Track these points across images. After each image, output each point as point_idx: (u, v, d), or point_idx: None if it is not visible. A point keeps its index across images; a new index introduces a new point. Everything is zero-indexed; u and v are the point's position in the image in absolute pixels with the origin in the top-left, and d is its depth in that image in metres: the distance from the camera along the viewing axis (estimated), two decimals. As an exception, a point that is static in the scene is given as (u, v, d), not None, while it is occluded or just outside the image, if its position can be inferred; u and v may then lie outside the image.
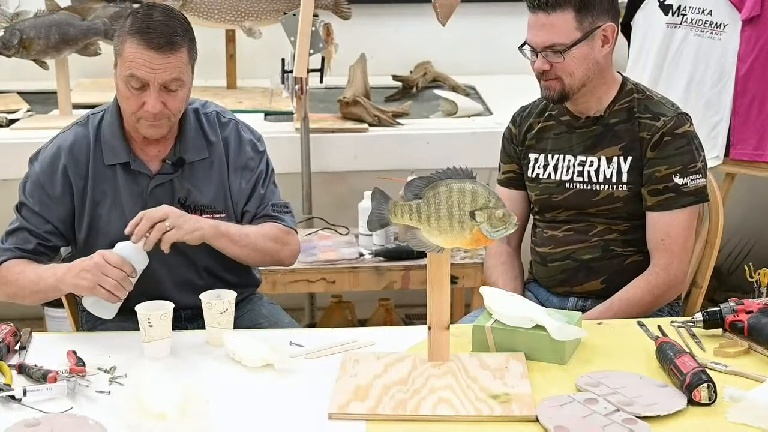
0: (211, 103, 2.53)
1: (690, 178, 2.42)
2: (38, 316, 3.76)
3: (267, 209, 2.47)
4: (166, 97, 2.28)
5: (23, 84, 4.38)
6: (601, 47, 2.42)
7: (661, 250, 2.44)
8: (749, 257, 4.02)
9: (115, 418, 1.82)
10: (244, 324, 2.47)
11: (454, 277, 3.16)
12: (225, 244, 2.33)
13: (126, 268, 2.17)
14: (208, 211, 2.42)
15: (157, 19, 2.27)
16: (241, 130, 2.49)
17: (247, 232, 2.40)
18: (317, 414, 1.86)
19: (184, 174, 2.41)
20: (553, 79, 2.43)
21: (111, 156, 2.38)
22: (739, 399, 1.82)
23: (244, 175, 2.46)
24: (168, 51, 2.25)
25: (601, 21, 2.41)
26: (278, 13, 3.96)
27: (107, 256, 2.18)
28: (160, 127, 2.33)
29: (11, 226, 2.40)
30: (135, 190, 2.39)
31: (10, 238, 2.39)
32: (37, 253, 2.37)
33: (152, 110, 2.26)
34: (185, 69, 2.30)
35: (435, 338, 2.03)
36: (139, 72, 2.24)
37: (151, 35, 2.24)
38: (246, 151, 2.47)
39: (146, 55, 2.24)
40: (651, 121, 2.44)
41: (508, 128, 2.66)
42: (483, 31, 4.70)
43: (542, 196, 2.57)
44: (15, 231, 2.39)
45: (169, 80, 2.26)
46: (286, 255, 2.49)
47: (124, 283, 2.17)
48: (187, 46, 2.30)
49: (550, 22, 2.38)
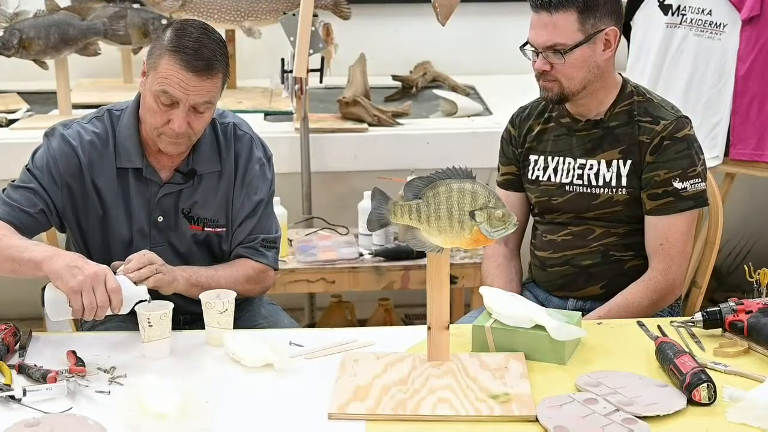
0: (229, 113, 2.51)
1: (689, 183, 2.42)
2: (38, 316, 3.74)
3: (256, 243, 2.44)
4: (192, 117, 2.26)
5: (23, 84, 4.38)
6: (602, 51, 2.41)
7: (660, 255, 2.44)
8: (749, 257, 4.02)
9: (115, 418, 1.82)
10: (244, 324, 2.47)
11: (453, 277, 3.17)
12: (197, 292, 2.26)
13: (114, 301, 2.06)
14: (210, 224, 2.41)
15: (199, 40, 2.23)
16: (254, 146, 2.46)
17: (219, 277, 2.35)
18: (317, 414, 1.86)
19: (194, 185, 2.40)
20: (552, 81, 2.42)
21: (125, 159, 2.36)
22: (739, 399, 1.82)
23: (248, 194, 2.44)
24: (206, 75, 2.22)
25: (604, 24, 2.40)
26: (278, 13, 3.96)
27: (110, 281, 2.06)
28: (179, 146, 2.31)
29: (19, 182, 2.33)
30: (144, 197, 2.37)
31: (14, 193, 2.32)
32: (35, 219, 2.30)
33: (178, 130, 2.24)
34: (217, 93, 2.29)
35: (435, 338, 2.03)
36: (172, 90, 2.21)
37: (191, 56, 2.20)
38: (254, 170, 2.44)
39: (183, 75, 2.21)
40: (651, 125, 2.44)
41: (507, 130, 2.65)
42: (483, 31, 4.70)
43: (542, 199, 2.57)
44: (21, 188, 2.32)
45: (200, 103, 2.25)
46: (256, 293, 2.49)
47: (101, 311, 2.05)
48: (223, 71, 2.27)
49: (552, 22, 2.38)
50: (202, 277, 2.33)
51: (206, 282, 2.31)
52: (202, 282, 2.31)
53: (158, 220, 2.39)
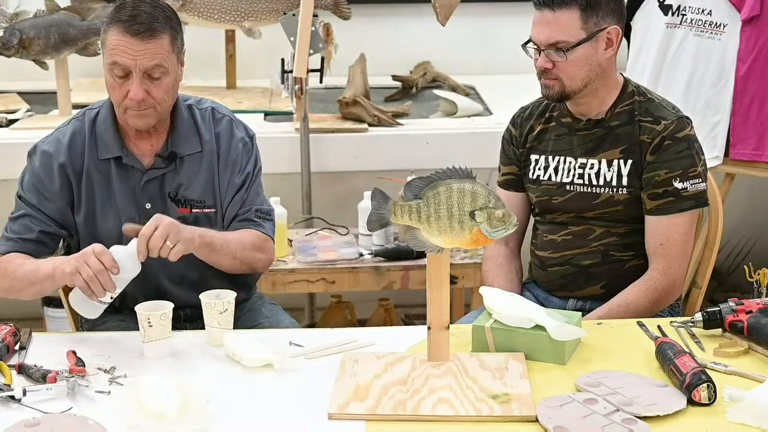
0: (208, 100, 2.54)
1: (690, 183, 2.42)
2: (38, 316, 3.76)
3: (250, 213, 2.46)
4: (149, 84, 2.29)
5: (23, 84, 4.38)
6: (604, 50, 2.41)
7: (660, 255, 2.43)
8: (749, 257, 4.02)
9: (114, 418, 1.82)
10: (244, 324, 2.47)
11: (453, 277, 3.16)
12: (206, 252, 2.31)
13: (106, 261, 2.12)
14: (197, 206, 2.43)
15: (136, 8, 2.29)
16: (235, 127, 2.49)
17: (228, 239, 2.38)
18: (317, 414, 1.86)
19: (176, 168, 2.42)
20: (554, 79, 2.42)
21: (104, 150, 2.39)
22: (739, 399, 1.82)
23: (234, 172, 2.45)
24: (148, 37, 2.26)
25: (606, 23, 2.40)
26: (278, 13, 3.96)
27: (95, 247, 2.15)
28: (146, 117, 2.33)
29: (15, 213, 2.41)
30: (128, 186, 2.40)
31: (13, 225, 2.39)
32: (38, 242, 2.37)
33: (135, 97, 2.27)
34: (167, 56, 2.30)
35: (435, 338, 2.03)
36: (120, 59, 2.26)
37: (131, 22, 2.26)
38: (237, 149, 2.46)
39: (127, 41, 2.26)
40: (652, 125, 2.44)
41: (508, 130, 2.65)
42: (483, 31, 4.70)
43: (543, 198, 2.57)
44: (18, 218, 2.39)
45: (150, 67, 2.27)
46: (261, 264, 2.47)
47: (101, 277, 2.12)
48: (169, 34, 2.30)
49: (555, 20, 2.38)
50: (215, 237, 2.35)
51: (218, 242, 2.34)
52: (214, 241, 2.33)
53: (146, 207, 2.40)
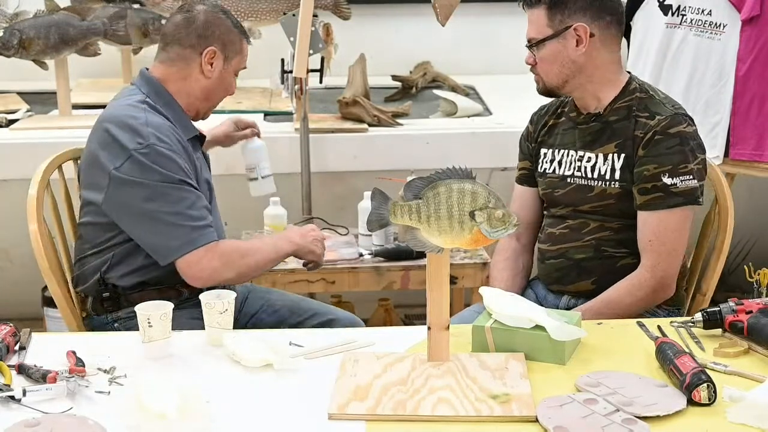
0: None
1: (680, 179, 2.40)
2: (38, 316, 3.76)
3: None
4: None
5: (23, 84, 4.39)
6: (575, 47, 2.44)
7: (649, 251, 2.42)
8: (749, 257, 4.02)
9: (114, 418, 1.82)
10: (244, 321, 2.48)
11: (453, 277, 3.16)
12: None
13: (319, 235, 2.64)
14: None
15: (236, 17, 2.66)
16: None
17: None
18: (317, 414, 1.86)
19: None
20: (538, 75, 2.52)
21: (186, 131, 2.53)
22: (739, 399, 1.81)
23: None
24: None
25: (573, 20, 2.43)
26: (278, 13, 3.96)
27: (320, 232, 2.65)
28: None
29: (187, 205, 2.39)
30: (201, 158, 2.59)
31: (194, 212, 2.40)
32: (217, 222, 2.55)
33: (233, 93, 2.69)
34: None
35: (434, 338, 2.03)
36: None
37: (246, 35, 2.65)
38: None
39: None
40: (647, 120, 2.44)
41: (526, 127, 2.72)
42: (483, 31, 4.71)
43: (547, 191, 2.60)
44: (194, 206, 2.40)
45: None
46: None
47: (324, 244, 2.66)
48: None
49: (529, 18, 2.49)
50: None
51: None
52: None
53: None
